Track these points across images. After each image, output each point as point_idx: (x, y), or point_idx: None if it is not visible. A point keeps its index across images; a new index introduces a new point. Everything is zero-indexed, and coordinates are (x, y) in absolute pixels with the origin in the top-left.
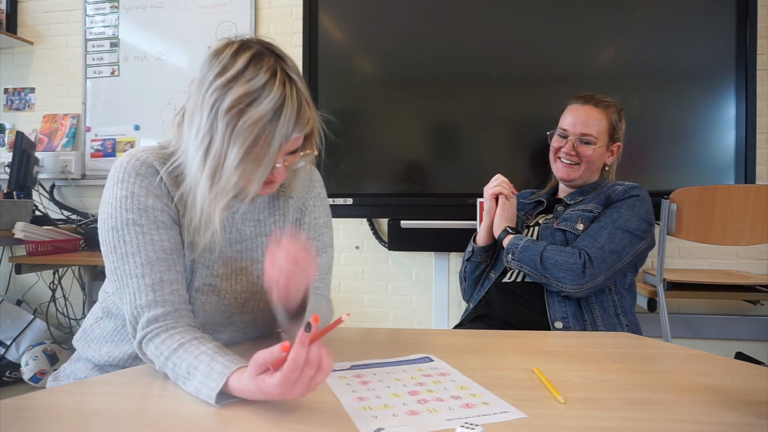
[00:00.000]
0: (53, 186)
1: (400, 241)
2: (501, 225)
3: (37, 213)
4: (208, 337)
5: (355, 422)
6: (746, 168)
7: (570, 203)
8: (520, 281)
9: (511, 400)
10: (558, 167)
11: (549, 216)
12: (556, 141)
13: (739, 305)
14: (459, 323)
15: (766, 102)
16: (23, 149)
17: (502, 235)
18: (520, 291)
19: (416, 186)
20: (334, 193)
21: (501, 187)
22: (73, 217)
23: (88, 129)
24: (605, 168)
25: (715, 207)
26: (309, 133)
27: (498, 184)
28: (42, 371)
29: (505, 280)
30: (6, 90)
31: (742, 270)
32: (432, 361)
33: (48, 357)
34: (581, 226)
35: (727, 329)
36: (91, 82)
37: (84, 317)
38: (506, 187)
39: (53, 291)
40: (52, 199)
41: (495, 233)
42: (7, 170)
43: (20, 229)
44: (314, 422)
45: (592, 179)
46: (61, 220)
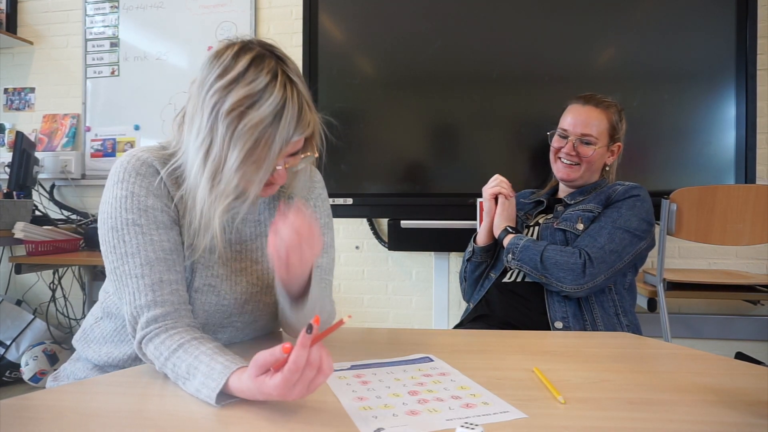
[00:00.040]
0: (53, 186)
1: (400, 241)
2: (501, 224)
3: (37, 213)
4: (208, 338)
5: (355, 422)
6: (746, 168)
7: (570, 203)
8: (520, 281)
9: (511, 400)
10: (558, 167)
11: (549, 216)
12: (557, 141)
13: (739, 305)
14: (459, 323)
15: (766, 102)
16: (23, 149)
17: (503, 235)
18: (520, 291)
19: (416, 186)
20: (334, 193)
21: (500, 187)
22: (73, 217)
23: (88, 129)
24: (605, 168)
25: (715, 207)
26: (310, 136)
27: (497, 184)
28: (42, 371)
29: (505, 280)
30: (6, 90)
31: (742, 270)
32: (432, 361)
33: (48, 357)
34: (581, 226)
35: (727, 329)
36: (91, 82)
37: (84, 317)
38: (505, 187)
39: (53, 291)
40: (52, 199)
41: (495, 233)
42: (7, 170)
43: (20, 229)
44: (314, 422)
45: (593, 179)
46: (61, 220)
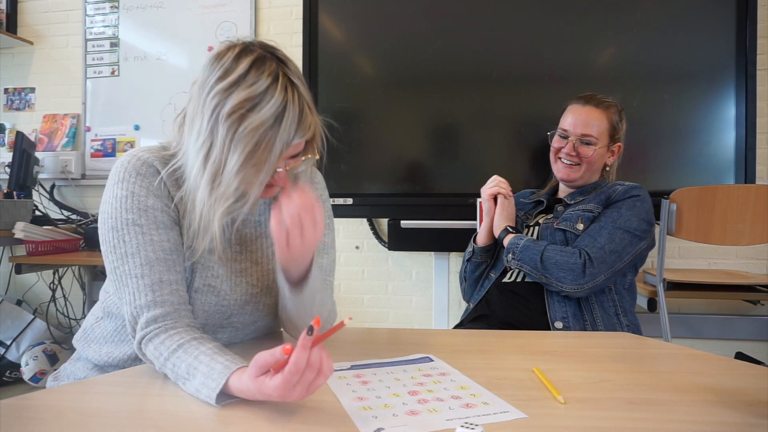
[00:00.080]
0: (53, 186)
1: (400, 241)
2: (501, 224)
3: (37, 213)
4: (208, 338)
5: (355, 422)
6: (746, 168)
7: (570, 203)
8: (520, 281)
9: (511, 400)
10: (558, 168)
11: (549, 216)
12: (557, 141)
13: (739, 305)
14: (459, 323)
15: (766, 102)
16: (23, 149)
17: (503, 235)
18: (520, 291)
19: (416, 186)
20: (335, 193)
21: (499, 187)
22: (73, 217)
23: (88, 129)
24: (606, 168)
25: (715, 207)
26: (310, 138)
27: (496, 185)
28: (42, 371)
29: (505, 280)
30: (6, 90)
31: (742, 270)
32: (432, 361)
33: (48, 357)
34: (581, 226)
35: (727, 329)
36: (91, 82)
37: (84, 317)
38: (504, 187)
39: (53, 291)
40: (52, 199)
41: (495, 232)
42: (7, 170)
43: (20, 229)
44: (314, 422)
45: (593, 179)
46: (61, 220)
